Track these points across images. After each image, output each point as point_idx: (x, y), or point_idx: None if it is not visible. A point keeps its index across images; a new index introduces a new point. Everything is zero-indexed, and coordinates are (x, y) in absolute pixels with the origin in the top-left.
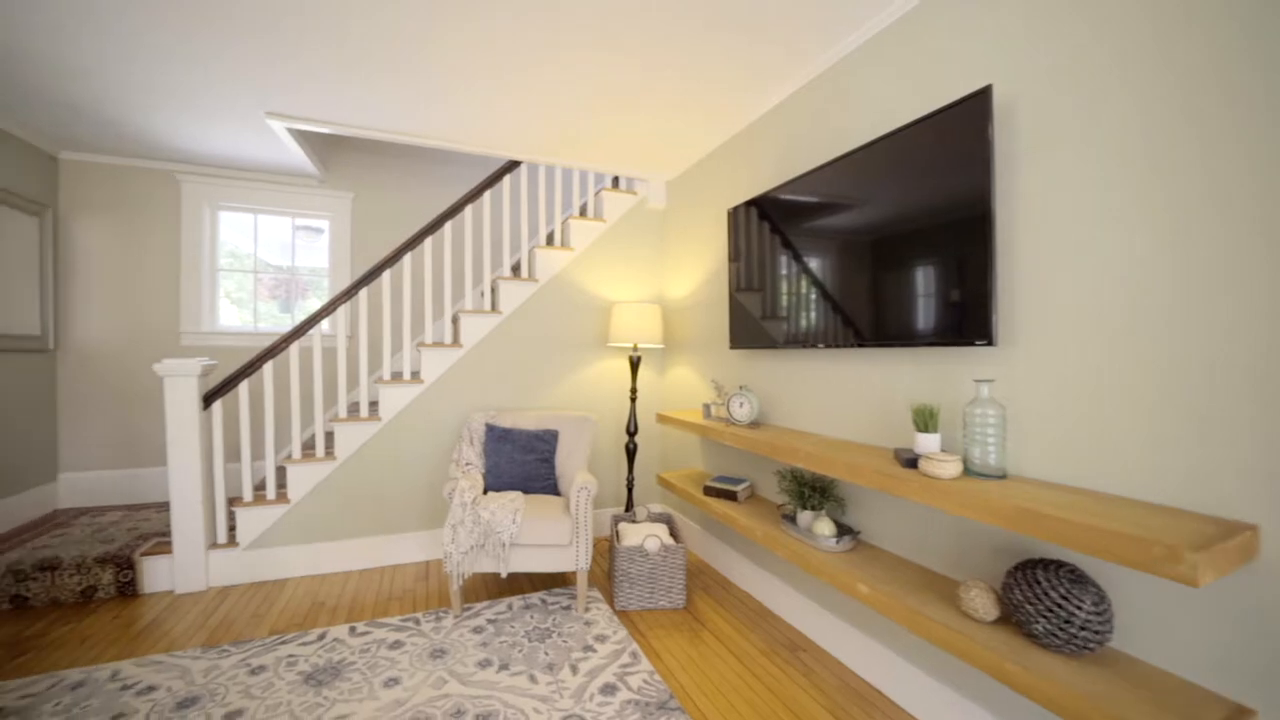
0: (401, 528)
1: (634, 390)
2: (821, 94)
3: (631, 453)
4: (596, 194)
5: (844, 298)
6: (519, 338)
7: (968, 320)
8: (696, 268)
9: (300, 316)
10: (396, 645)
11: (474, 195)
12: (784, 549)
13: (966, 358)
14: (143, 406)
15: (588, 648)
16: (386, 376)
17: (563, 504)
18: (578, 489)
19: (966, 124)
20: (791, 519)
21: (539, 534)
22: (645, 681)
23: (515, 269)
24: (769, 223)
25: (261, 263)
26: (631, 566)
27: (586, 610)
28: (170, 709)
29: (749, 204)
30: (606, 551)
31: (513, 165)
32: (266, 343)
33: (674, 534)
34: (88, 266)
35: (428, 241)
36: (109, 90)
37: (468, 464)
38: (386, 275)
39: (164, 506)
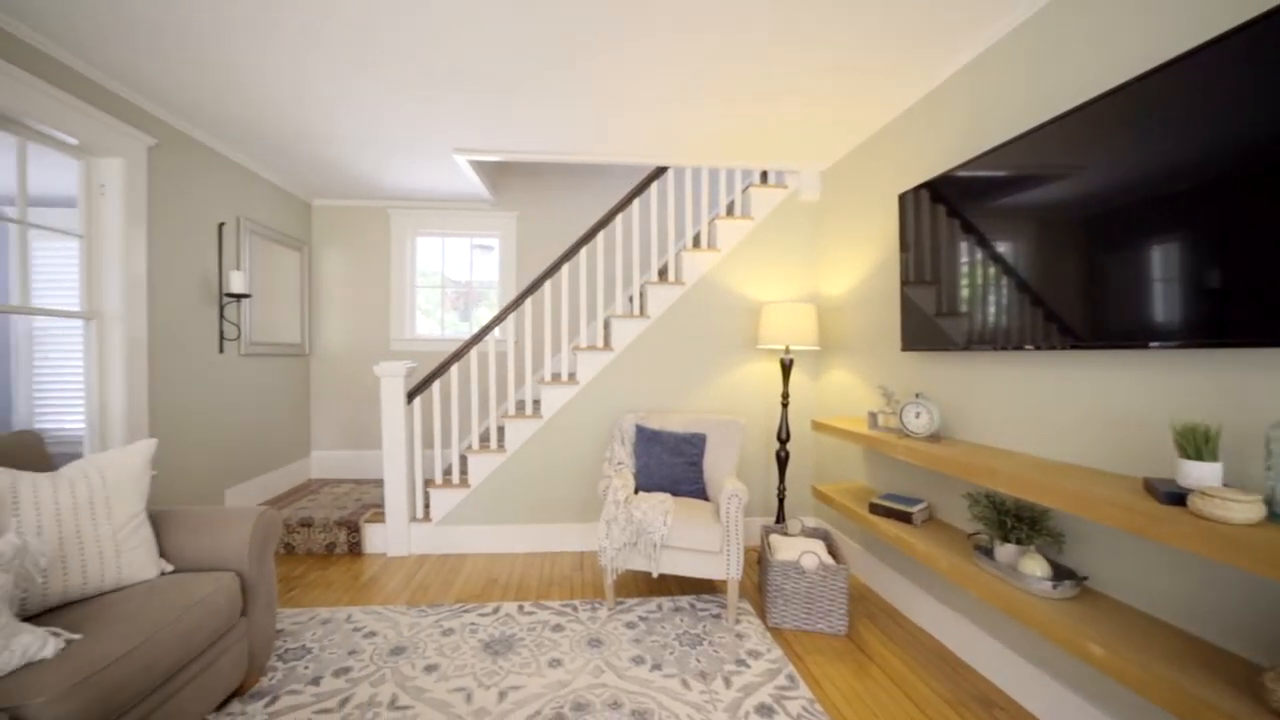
0: (559, 518)
1: (785, 395)
2: (1023, 48)
3: (783, 461)
4: (744, 191)
5: (1051, 289)
6: (666, 341)
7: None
8: (858, 262)
9: (475, 323)
10: (558, 629)
11: (623, 204)
12: (977, 586)
13: (1267, 363)
14: (365, 400)
15: (740, 661)
16: (547, 378)
17: (711, 510)
18: (728, 496)
19: None
20: (987, 551)
21: (688, 538)
22: (805, 710)
23: (662, 273)
24: (947, 205)
25: (446, 278)
26: (786, 583)
27: (737, 622)
28: (386, 654)
29: (923, 187)
30: (755, 563)
31: (660, 171)
32: (450, 347)
33: (833, 552)
34: (329, 288)
35: (582, 252)
36: (346, 149)
37: (619, 463)
38: (547, 285)
39: (379, 483)
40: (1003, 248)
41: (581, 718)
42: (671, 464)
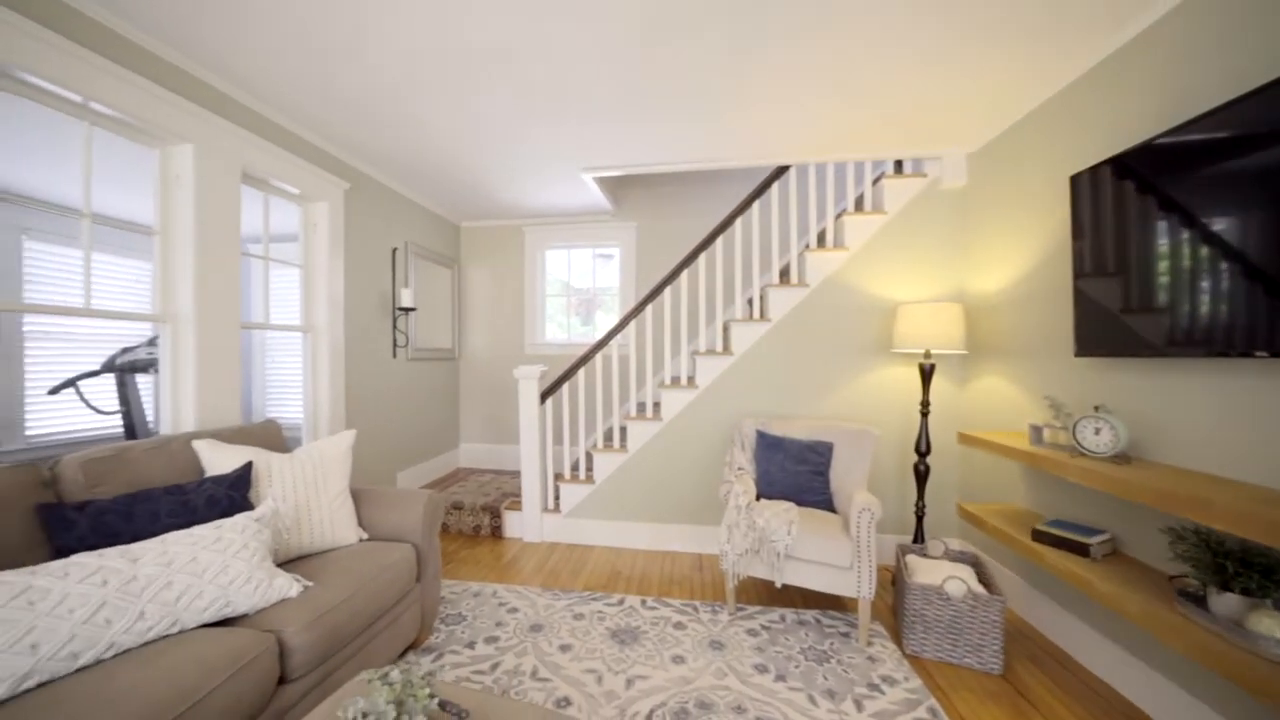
0: (677, 518)
1: (925, 403)
2: None
3: (921, 476)
4: (875, 183)
5: None
6: (788, 345)
7: None
8: (1015, 254)
9: (596, 327)
10: (680, 626)
11: (742, 208)
12: (1182, 640)
13: None
14: (504, 399)
15: (873, 685)
16: (666, 381)
17: (839, 522)
18: (859, 510)
19: None
20: (1196, 599)
21: (814, 550)
22: None
23: (784, 274)
24: (1139, 181)
25: (570, 286)
26: (927, 608)
27: (869, 644)
28: (526, 629)
29: (1106, 163)
30: (890, 584)
31: (781, 171)
32: (574, 351)
33: (984, 580)
34: (475, 300)
35: (701, 257)
36: (489, 176)
37: (740, 469)
38: (666, 291)
39: (516, 474)
40: (1221, 225)
41: (706, 716)
42: (795, 472)
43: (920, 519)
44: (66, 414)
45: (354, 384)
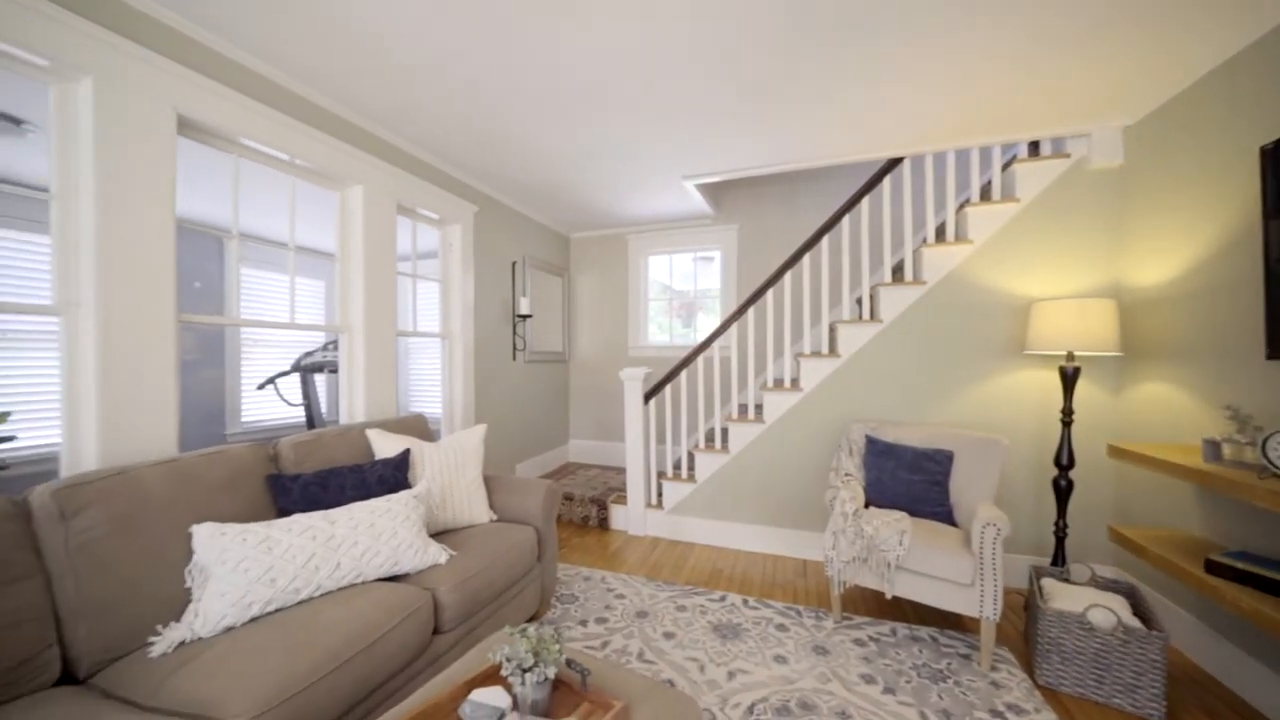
0: (780, 522)
1: (1067, 411)
2: None
3: (1063, 492)
4: (1005, 169)
5: None
6: (901, 346)
7: None
8: (1188, 239)
9: (697, 329)
10: (782, 628)
11: (850, 204)
12: None
13: None
14: (610, 399)
15: (996, 713)
16: (769, 384)
17: (959, 536)
18: (983, 524)
19: None
20: None
21: (930, 564)
22: None
23: (897, 271)
24: None
25: (673, 290)
26: (1065, 638)
27: (994, 669)
28: (633, 615)
29: None
30: (1021, 608)
31: (894, 163)
32: (677, 353)
33: (1141, 614)
34: (583, 306)
35: (805, 257)
36: (599, 191)
37: (847, 474)
38: (769, 292)
39: (621, 470)
40: None
41: (809, 717)
42: (909, 481)
43: (1061, 540)
44: (267, 405)
45: (481, 383)
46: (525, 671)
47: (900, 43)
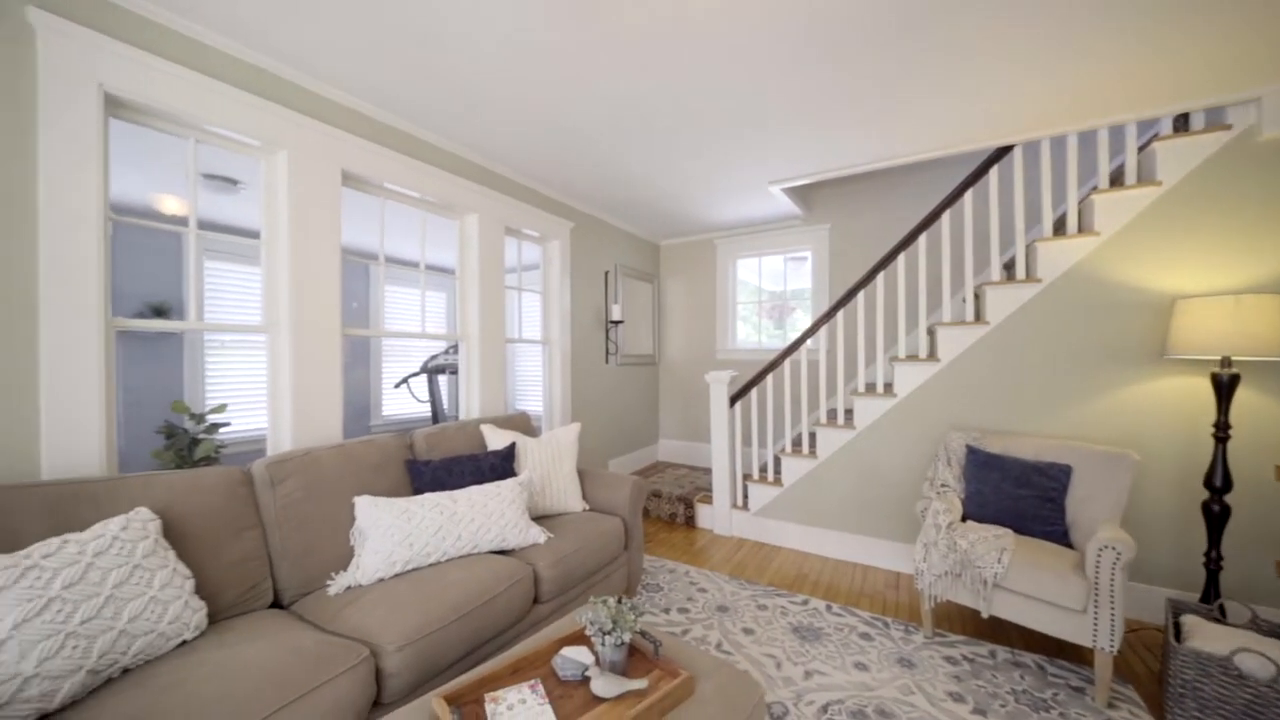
0: (872, 531)
1: (1222, 425)
2: None
3: (1216, 518)
4: (1142, 149)
5: None
6: (1011, 350)
7: None
8: None
9: (790, 331)
10: (865, 637)
11: (952, 199)
12: None
13: None
14: (698, 400)
15: None
16: (860, 389)
17: (1073, 559)
18: (1100, 546)
19: None
20: None
21: (1035, 585)
22: None
23: (1008, 268)
24: None
25: (763, 292)
26: (1204, 682)
27: (1111, 706)
28: (713, 608)
29: None
30: (1158, 646)
31: (1002, 152)
32: (766, 356)
33: None
34: (672, 310)
35: (900, 257)
36: (685, 200)
37: (943, 485)
38: (860, 295)
39: (708, 471)
40: None
41: None
42: (1015, 495)
43: (1213, 574)
44: (401, 402)
45: (577, 385)
46: (605, 634)
47: (1010, 23)
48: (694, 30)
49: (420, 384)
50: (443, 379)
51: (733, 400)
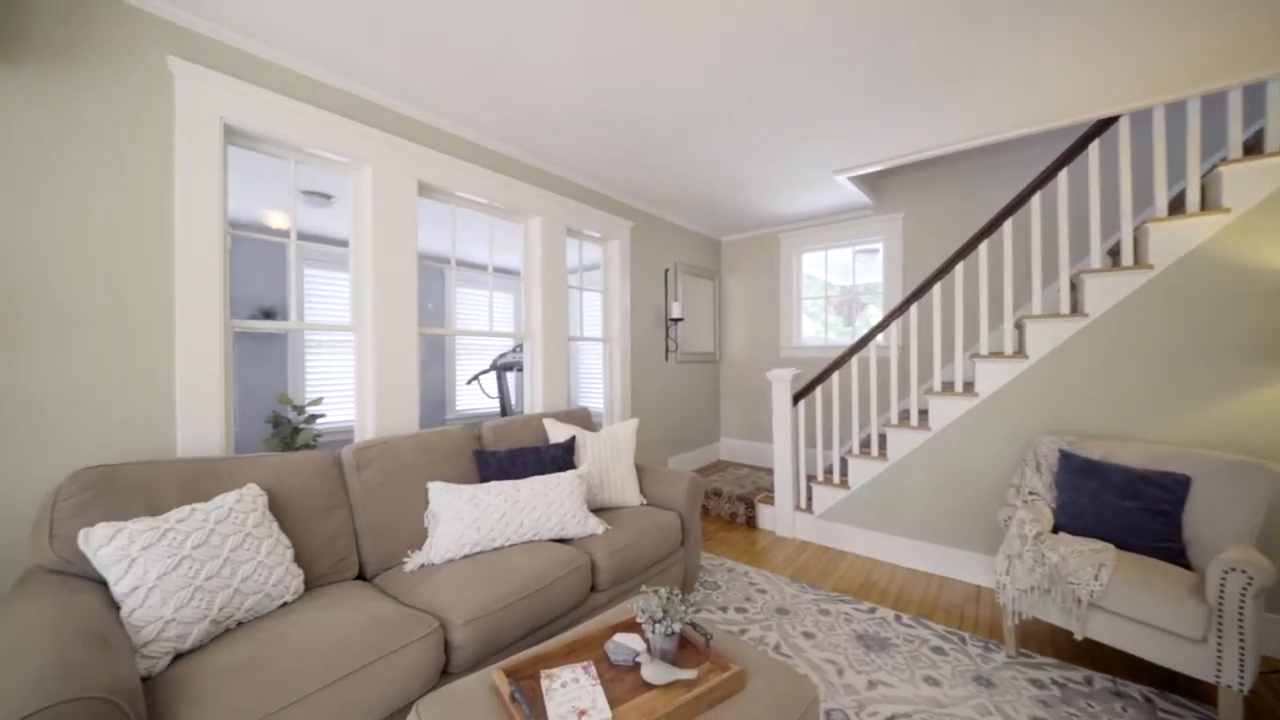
0: (949, 540)
1: None
2: None
3: None
4: None
5: None
6: (1114, 345)
7: None
8: None
9: (860, 327)
10: (938, 651)
11: (1043, 180)
12: None
13: None
14: (760, 399)
15: None
16: (936, 388)
17: (1190, 581)
18: (1225, 567)
19: None
20: None
21: (1141, 607)
22: None
23: (1113, 254)
24: None
25: (830, 286)
26: None
27: None
28: (773, 610)
29: None
30: None
31: (1103, 125)
32: (833, 353)
33: None
34: (733, 307)
35: (982, 246)
36: (747, 194)
37: (1031, 494)
38: (936, 288)
39: (769, 471)
40: None
41: None
42: (1119, 508)
43: None
44: (472, 397)
45: (636, 382)
46: (656, 622)
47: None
48: (754, 27)
49: (490, 381)
50: (510, 376)
51: (796, 398)
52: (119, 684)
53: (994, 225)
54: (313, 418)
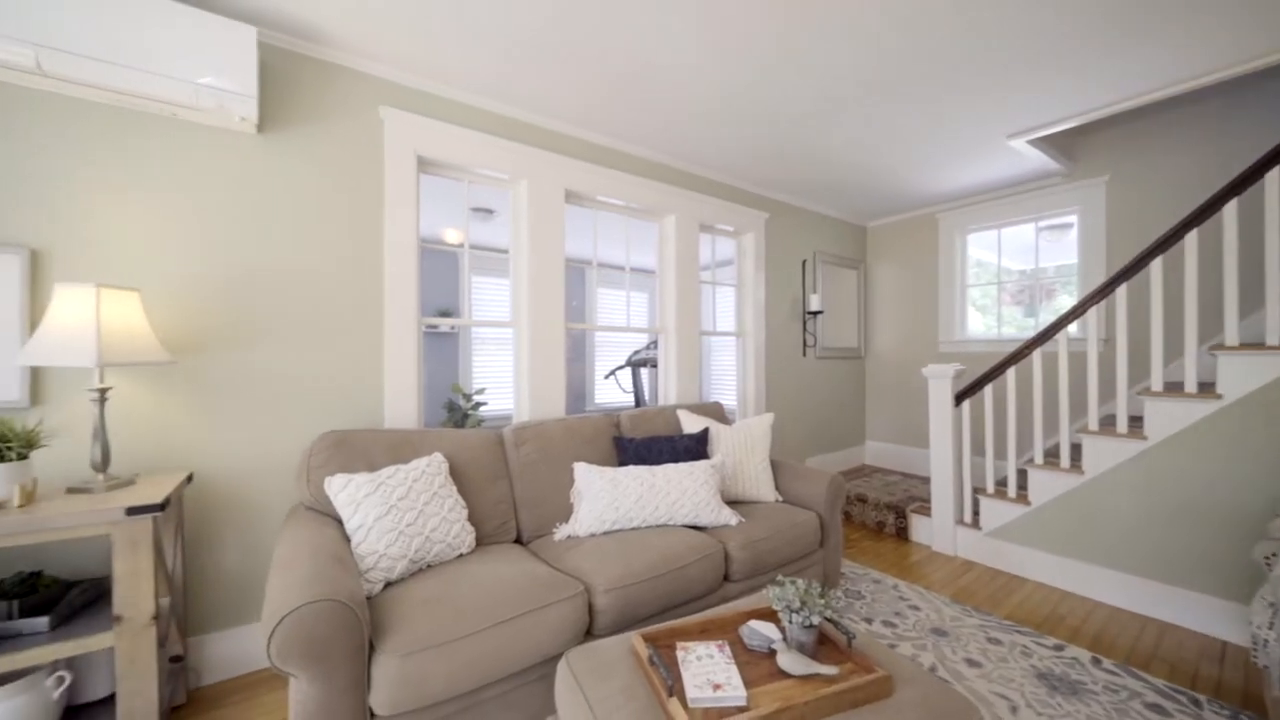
0: (1175, 579)
1: None
2: None
3: None
4: None
5: None
6: None
7: None
8: None
9: (1045, 319)
10: (1156, 709)
11: None
12: None
13: None
14: (913, 399)
15: None
16: (1157, 387)
17: None
18: None
19: None
20: None
21: None
22: None
23: None
24: None
25: (1004, 271)
26: None
27: None
28: (927, 629)
29: None
30: None
31: None
32: (1007, 348)
33: None
34: (881, 298)
35: (1228, 206)
36: (896, 176)
37: None
38: (1156, 263)
39: (925, 480)
40: None
41: None
42: None
43: None
44: (609, 391)
45: (771, 377)
46: (793, 612)
47: None
48: None
49: (625, 376)
50: (644, 372)
51: (958, 398)
52: (354, 595)
53: (1249, 179)
54: (478, 405)
